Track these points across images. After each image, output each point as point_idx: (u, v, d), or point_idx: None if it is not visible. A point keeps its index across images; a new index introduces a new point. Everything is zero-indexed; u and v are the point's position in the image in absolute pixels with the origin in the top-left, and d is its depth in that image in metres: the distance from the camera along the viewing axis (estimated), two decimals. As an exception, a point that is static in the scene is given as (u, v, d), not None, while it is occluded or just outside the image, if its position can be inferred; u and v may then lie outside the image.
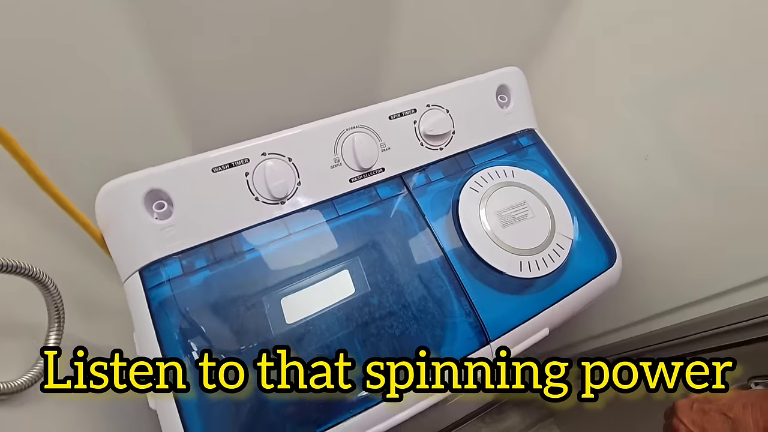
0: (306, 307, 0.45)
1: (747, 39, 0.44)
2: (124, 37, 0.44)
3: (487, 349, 0.47)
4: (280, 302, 0.44)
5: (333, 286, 0.46)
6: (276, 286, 0.45)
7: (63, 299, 0.37)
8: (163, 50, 0.47)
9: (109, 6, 0.41)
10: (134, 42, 0.44)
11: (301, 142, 0.48)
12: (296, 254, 0.47)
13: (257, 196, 0.46)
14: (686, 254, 0.57)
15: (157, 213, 0.43)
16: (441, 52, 0.65)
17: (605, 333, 0.76)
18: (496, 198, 0.53)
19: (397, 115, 0.52)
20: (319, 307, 0.45)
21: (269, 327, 0.43)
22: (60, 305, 0.36)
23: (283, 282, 0.45)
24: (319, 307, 0.45)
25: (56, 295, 0.36)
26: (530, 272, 0.50)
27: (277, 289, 0.45)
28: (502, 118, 0.59)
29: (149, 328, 0.41)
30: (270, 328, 0.43)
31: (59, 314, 0.36)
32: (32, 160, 0.33)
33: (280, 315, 0.44)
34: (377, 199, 0.51)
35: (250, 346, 0.42)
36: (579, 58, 0.65)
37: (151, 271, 0.43)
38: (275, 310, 0.44)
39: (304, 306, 0.45)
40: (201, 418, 0.39)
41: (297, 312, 0.44)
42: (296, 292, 0.45)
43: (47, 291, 0.35)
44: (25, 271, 0.32)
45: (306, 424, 0.40)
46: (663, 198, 0.58)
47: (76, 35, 0.42)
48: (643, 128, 0.58)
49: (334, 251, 0.48)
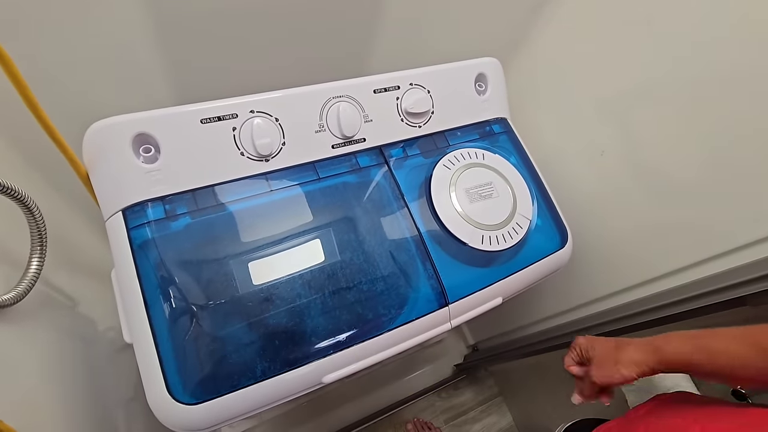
0: (277, 269, 0.47)
1: (702, 60, 0.50)
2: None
3: (445, 311, 0.52)
4: (251, 262, 0.46)
5: (306, 249, 0.50)
6: (251, 243, 0.47)
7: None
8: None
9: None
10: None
11: (289, 104, 0.50)
12: (275, 211, 0.50)
13: (243, 151, 0.48)
14: (628, 242, 0.64)
15: (143, 157, 0.45)
16: (427, 37, 0.69)
17: (557, 314, 0.83)
18: (466, 177, 0.58)
19: (381, 90, 0.56)
20: (289, 270, 0.47)
21: (237, 286, 0.45)
22: (43, 231, 0.38)
23: (258, 240, 0.48)
24: (289, 271, 0.47)
25: (41, 221, 0.37)
26: (490, 245, 0.55)
27: (252, 246, 0.47)
28: (478, 105, 0.63)
29: (130, 265, 0.43)
30: (238, 287, 0.45)
31: (42, 241, 0.38)
32: (27, 84, 0.34)
33: (249, 275, 0.46)
34: (356, 167, 0.55)
35: (220, 301, 0.44)
36: (553, 59, 0.70)
37: (134, 211, 0.44)
38: (245, 269, 0.46)
39: (276, 268, 0.47)
40: (175, 354, 0.42)
41: (267, 273, 0.47)
42: (270, 254, 0.48)
43: (32, 216, 0.36)
44: (14, 193, 0.34)
45: (274, 362, 0.43)
46: (613, 190, 0.64)
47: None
48: (603, 127, 0.64)
49: (311, 211, 0.51)
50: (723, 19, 0.47)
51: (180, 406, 0.40)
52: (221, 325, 0.44)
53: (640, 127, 0.59)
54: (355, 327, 0.47)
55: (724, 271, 0.50)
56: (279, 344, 0.44)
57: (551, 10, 0.67)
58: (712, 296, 0.50)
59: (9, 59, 0.32)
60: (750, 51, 0.45)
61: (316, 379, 0.45)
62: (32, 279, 0.38)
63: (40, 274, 0.38)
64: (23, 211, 0.36)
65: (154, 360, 0.40)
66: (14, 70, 0.32)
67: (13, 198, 0.35)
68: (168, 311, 0.42)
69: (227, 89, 0.51)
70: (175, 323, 0.42)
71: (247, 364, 0.43)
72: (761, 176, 0.47)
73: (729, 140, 0.49)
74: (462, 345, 1.23)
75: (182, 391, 0.40)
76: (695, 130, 0.52)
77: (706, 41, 0.49)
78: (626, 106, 0.60)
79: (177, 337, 0.42)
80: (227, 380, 0.42)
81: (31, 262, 0.38)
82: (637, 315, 0.61)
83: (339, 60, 0.64)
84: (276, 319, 0.45)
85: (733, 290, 0.48)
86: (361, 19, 0.62)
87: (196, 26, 0.53)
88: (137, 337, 0.42)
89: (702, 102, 0.51)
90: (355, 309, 0.48)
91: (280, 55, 0.60)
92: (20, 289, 0.36)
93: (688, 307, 0.53)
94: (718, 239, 0.52)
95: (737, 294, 0.48)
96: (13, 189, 0.34)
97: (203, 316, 0.43)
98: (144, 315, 0.41)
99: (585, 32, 0.64)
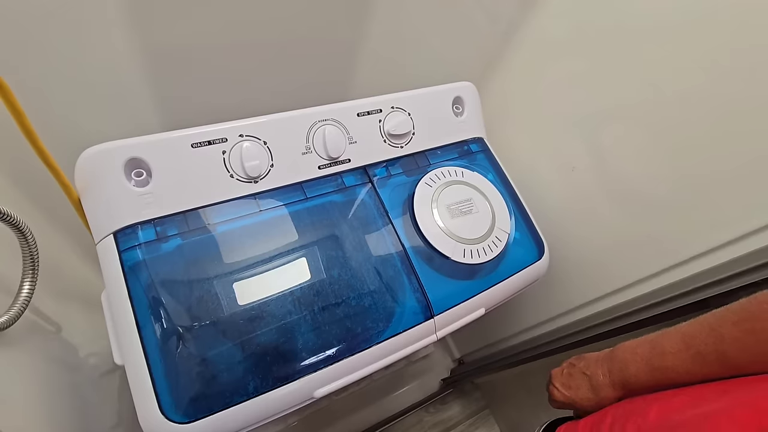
0: (266, 287, 0.49)
1: (664, 84, 0.54)
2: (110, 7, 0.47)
3: (431, 323, 0.54)
4: (240, 281, 0.47)
5: (294, 266, 0.51)
6: (241, 263, 0.49)
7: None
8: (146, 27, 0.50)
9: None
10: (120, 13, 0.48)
11: (276, 128, 0.52)
12: (265, 231, 0.51)
13: (232, 173, 0.50)
14: (600, 253, 0.68)
15: (135, 180, 0.46)
16: (406, 63, 0.72)
17: (537, 324, 0.86)
18: (447, 193, 0.61)
19: (364, 113, 0.59)
20: (278, 288, 0.49)
21: (227, 305, 0.46)
22: (36, 256, 0.38)
23: (248, 260, 0.49)
24: (278, 289, 0.49)
25: (33, 246, 0.38)
26: (472, 259, 0.57)
27: (242, 266, 0.49)
28: (456, 126, 0.67)
29: (121, 287, 0.43)
30: (228, 306, 0.46)
31: (34, 265, 0.38)
32: (24, 112, 0.35)
33: (238, 294, 0.47)
34: (342, 186, 0.57)
35: (211, 320, 0.45)
36: (524, 83, 0.75)
37: (125, 234, 0.45)
38: (235, 288, 0.47)
39: (265, 286, 0.49)
40: (167, 374, 0.42)
41: (257, 292, 0.48)
42: (259, 273, 0.49)
43: (25, 241, 0.37)
44: (9, 218, 0.35)
45: (266, 378, 0.44)
46: (584, 204, 0.68)
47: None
48: (573, 145, 0.68)
49: (299, 230, 0.52)
50: (685, 49, 0.52)
51: (173, 426, 0.40)
52: (212, 344, 0.44)
53: (606, 146, 0.63)
54: (344, 341, 0.49)
55: (689, 276, 0.54)
56: (270, 361, 0.45)
57: (521, 37, 0.72)
58: (678, 300, 0.54)
59: (8, 88, 0.33)
60: (706, 80, 0.50)
61: (308, 394, 0.46)
62: (23, 303, 0.38)
63: (31, 298, 0.39)
64: (17, 235, 0.37)
65: (146, 380, 0.41)
66: (12, 99, 0.34)
67: (8, 223, 0.35)
68: (159, 331, 0.43)
69: (215, 115, 0.53)
70: (167, 343, 0.43)
71: (239, 382, 0.44)
72: (716, 190, 0.51)
73: (689, 157, 0.53)
74: (448, 359, 1.25)
75: (174, 410, 0.41)
76: (658, 148, 0.56)
77: (670, 68, 0.54)
78: (593, 126, 0.65)
79: (168, 357, 0.42)
80: (220, 398, 0.42)
81: (22, 286, 0.38)
82: (612, 321, 0.65)
83: (323, 85, 0.67)
84: (266, 337, 0.46)
85: (697, 293, 0.52)
86: (343, 47, 0.65)
87: (184, 56, 0.56)
88: (129, 358, 0.42)
89: (664, 123, 0.55)
90: (344, 324, 0.49)
91: (266, 82, 0.63)
92: (12, 313, 0.37)
93: (657, 311, 0.57)
94: (681, 248, 0.56)
95: (701, 297, 0.52)
96: (8, 214, 0.35)
97: (194, 335, 0.44)
98: (136, 335, 0.42)
99: (552, 58, 0.69)
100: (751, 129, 0.47)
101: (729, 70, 0.48)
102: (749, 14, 0.45)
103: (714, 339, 0.39)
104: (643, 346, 0.45)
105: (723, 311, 0.39)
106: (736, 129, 0.48)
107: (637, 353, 0.45)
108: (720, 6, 0.47)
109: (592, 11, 0.61)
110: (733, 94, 0.48)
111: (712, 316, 0.40)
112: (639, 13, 0.55)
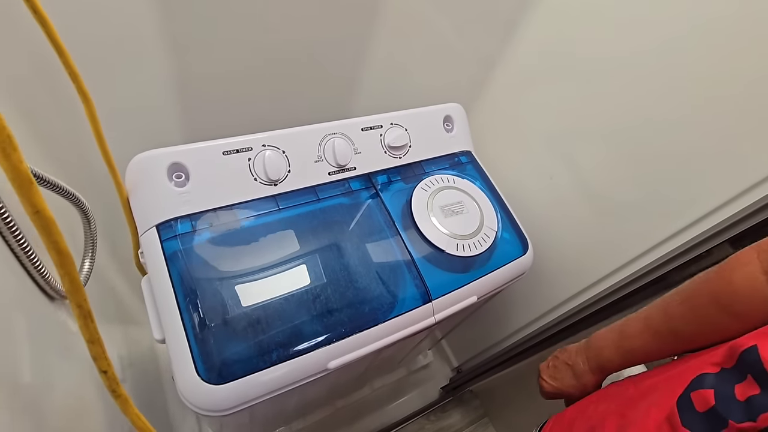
0: (286, 272, 0.56)
1: (626, 101, 0.64)
2: (156, 48, 0.57)
3: (429, 306, 0.61)
4: (262, 265, 0.55)
5: (309, 255, 0.59)
6: (262, 250, 0.56)
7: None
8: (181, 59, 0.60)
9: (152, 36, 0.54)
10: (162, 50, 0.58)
11: (293, 140, 0.62)
12: (283, 225, 0.59)
13: (256, 177, 0.59)
14: (577, 250, 0.76)
15: (175, 181, 0.54)
16: (404, 86, 0.83)
17: (528, 324, 0.92)
18: (440, 197, 0.69)
19: (367, 128, 0.68)
20: (296, 273, 0.56)
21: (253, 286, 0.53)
22: (95, 237, 0.46)
23: (268, 248, 0.57)
24: (296, 274, 0.56)
25: (93, 228, 0.45)
26: (464, 252, 0.65)
27: (263, 253, 0.56)
28: (447, 140, 0.76)
29: (163, 270, 0.51)
30: (253, 287, 0.53)
31: (93, 245, 0.46)
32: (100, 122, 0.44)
33: (262, 276, 0.55)
34: (349, 190, 0.65)
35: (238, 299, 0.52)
36: (506, 104, 0.86)
37: (166, 226, 0.53)
38: (258, 271, 0.55)
39: (284, 271, 0.56)
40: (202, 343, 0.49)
41: (277, 276, 0.56)
42: (277, 260, 0.57)
43: (87, 222, 0.44)
44: (78, 200, 0.42)
45: (287, 348, 0.51)
46: (562, 207, 0.77)
47: (118, 37, 0.54)
48: (550, 156, 0.78)
49: (313, 225, 0.60)
50: (633, 79, 0.62)
51: (208, 386, 0.46)
52: (240, 319, 0.51)
53: (579, 157, 0.73)
54: (353, 319, 0.55)
55: (650, 263, 0.62)
56: (290, 334, 0.52)
57: (504, 67, 0.83)
58: (643, 279, 0.62)
59: (92, 104, 0.42)
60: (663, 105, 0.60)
61: (323, 365, 0.52)
62: (85, 279, 0.45)
63: (90, 275, 0.46)
64: (83, 220, 0.44)
65: (185, 348, 0.47)
66: (94, 111, 0.42)
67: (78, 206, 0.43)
68: (195, 308, 0.50)
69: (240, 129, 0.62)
70: (202, 317, 0.50)
71: (263, 351, 0.50)
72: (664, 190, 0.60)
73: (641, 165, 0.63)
74: (447, 368, 1.29)
75: (208, 373, 0.47)
76: (619, 158, 0.66)
77: (625, 92, 0.64)
78: (569, 140, 0.74)
79: (203, 329, 0.49)
80: (246, 364, 0.49)
81: (83, 264, 0.45)
82: (591, 309, 0.72)
83: (333, 105, 0.77)
84: (286, 314, 0.53)
85: (656, 272, 0.60)
86: (351, 73, 0.76)
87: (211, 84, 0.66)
88: (169, 330, 0.49)
89: (621, 137, 0.65)
90: (354, 304, 0.56)
91: (283, 102, 0.73)
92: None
93: (627, 291, 0.64)
94: (642, 240, 0.64)
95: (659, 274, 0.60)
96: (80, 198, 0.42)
97: (224, 311, 0.51)
98: (176, 311, 0.49)
99: (528, 83, 0.80)
100: (679, 140, 0.57)
101: (665, 97, 0.58)
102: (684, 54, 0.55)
103: (666, 318, 0.44)
104: (612, 332, 0.51)
105: (671, 293, 0.44)
106: (671, 140, 0.58)
107: (608, 339, 0.51)
108: (655, 48, 0.58)
109: (558, 46, 0.72)
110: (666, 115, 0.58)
111: (663, 300, 0.45)
112: (595, 48, 0.66)
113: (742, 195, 0.52)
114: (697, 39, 0.53)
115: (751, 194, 0.51)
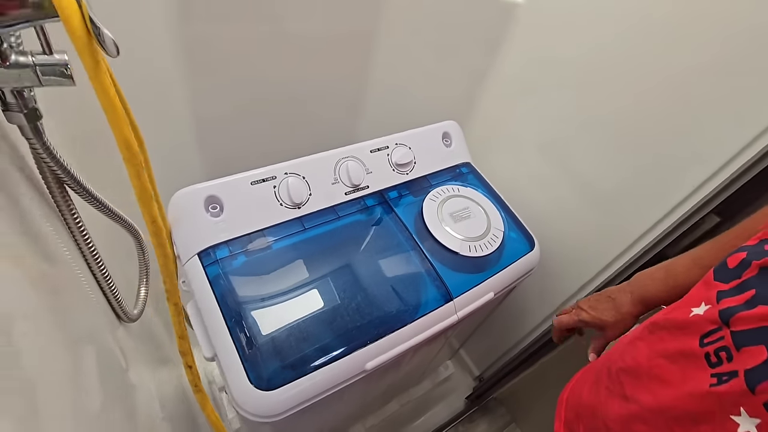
0: (317, 285, 0.61)
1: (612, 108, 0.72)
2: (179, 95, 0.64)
3: (451, 305, 0.65)
4: (296, 280, 0.60)
5: (336, 268, 0.64)
6: (294, 267, 0.62)
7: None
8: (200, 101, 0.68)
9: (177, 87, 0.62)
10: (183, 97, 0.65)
11: (312, 166, 0.68)
12: (310, 243, 0.65)
13: (281, 202, 0.65)
14: (581, 242, 0.81)
15: (211, 212, 0.60)
16: (402, 109, 0.91)
17: (543, 321, 0.96)
18: (448, 204, 0.75)
19: (376, 149, 0.75)
20: (326, 285, 0.62)
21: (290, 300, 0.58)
22: (148, 267, 0.51)
23: (298, 264, 0.62)
24: (326, 286, 0.62)
25: (147, 257, 0.50)
26: (476, 252, 0.71)
27: (295, 269, 0.62)
28: (447, 154, 0.83)
29: (209, 293, 0.56)
30: (291, 301, 0.58)
31: (147, 274, 0.51)
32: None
33: (297, 290, 0.60)
34: (365, 207, 0.71)
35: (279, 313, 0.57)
36: (499, 116, 0.93)
37: (206, 254, 0.58)
38: (294, 287, 0.60)
39: (315, 285, 0.61)
40: (251, 355, 0.53)
41: (310, 289, 0.61)
42: (308, 274, 0.62)
43: (142, 252, 0.50)
44: (134, 229, 0.48)
45: (326, 353, 0.55)
46: (560, 206, 0.83)
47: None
48: (546, 163, 0.85)
49: (336, 240, 0.66)
50: (608, 89, 0.70)
51: (260, 392, 0.50)
52: (282, 331, 0.56)
53: (569, 153, 0.80)
54: (385, 322, 0.60)
55: (647, 243, 0.68)
56: (329, 340, 0.56)
57: (493, 81, 0.92)
58: (643, 258, 0.67)
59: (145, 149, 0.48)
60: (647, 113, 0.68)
61: (360, 367, 0.57)
62: (142, 304, 0.50)
63: (146, 301, 0.51)
64: (137, 249, 0.50)
65: (237, 361, 0.52)
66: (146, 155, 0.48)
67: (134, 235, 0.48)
68: (241, 324, 0.55)
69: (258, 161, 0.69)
70: (248, 332, 0.54)
71: (306, 359, 0.55)
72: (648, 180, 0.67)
73: (623, 162, 0.70)
74: (469, 378, 1.31)
75: (259, 381, 0.51)
76: (604, 156, 0.73)
77: (603, 101, 0.72)
78: (558, 140, 0.82)
79: (251, 341, 0.54)
80: (293, 370, 0.53)
81: (140, 289, 0.50)
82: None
83: (340, 133, 0.85)
84: (323, 323, 0.58)
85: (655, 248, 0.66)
86: (357, 101, 0.84)
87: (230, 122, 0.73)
88: (220, 347, 0.53)
89: (603, 137, 0.72)
90: (383, 308, 0.61)
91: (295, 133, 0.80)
92: (138, 309, 0.48)
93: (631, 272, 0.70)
94: (639, 224, 0.70)
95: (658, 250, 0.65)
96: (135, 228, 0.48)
97: (267, 325, 0.56)
98: (225, 328, 0.54)
99: (516, 92, 0.88)
100: (656, 141, 0.64)
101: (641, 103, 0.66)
102: (651, 61, 0.64)
103: (719, 253, 0.45)
104: (659, 271, 0.54)
105: (722, 234, 0.49)
106: (648, 141, 0.65)
107: (655, 277, 0.54)
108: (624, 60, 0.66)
109: (539, 53, 0.81)
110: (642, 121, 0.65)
111: (714, 240, 0.49)
112: (571, 51, 0.75)
113: (723, 168, 0.58)
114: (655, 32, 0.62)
115: (730, 166, 0.57)
